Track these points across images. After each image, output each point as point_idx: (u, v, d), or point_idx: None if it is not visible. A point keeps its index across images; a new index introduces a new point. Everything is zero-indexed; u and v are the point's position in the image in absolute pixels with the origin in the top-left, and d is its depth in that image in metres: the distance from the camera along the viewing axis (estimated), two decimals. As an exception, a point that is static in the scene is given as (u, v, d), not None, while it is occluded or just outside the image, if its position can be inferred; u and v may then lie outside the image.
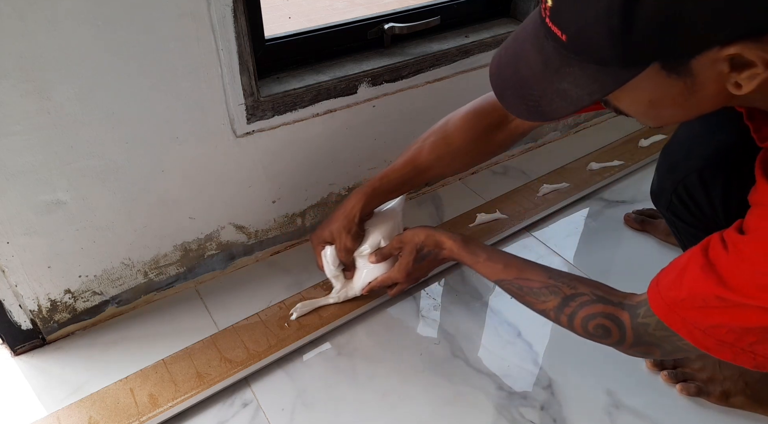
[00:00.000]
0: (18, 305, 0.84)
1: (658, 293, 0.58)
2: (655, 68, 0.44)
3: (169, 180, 0.87)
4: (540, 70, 0.49)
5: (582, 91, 0.47)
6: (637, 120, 0.55)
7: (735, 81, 0.44)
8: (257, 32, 0.89)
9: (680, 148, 0.77)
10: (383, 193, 0.87)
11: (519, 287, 0.73)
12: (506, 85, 0.53)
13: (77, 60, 0.70)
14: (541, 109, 0.50)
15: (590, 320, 0.65)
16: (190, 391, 0.81)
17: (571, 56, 0.46)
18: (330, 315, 0.94)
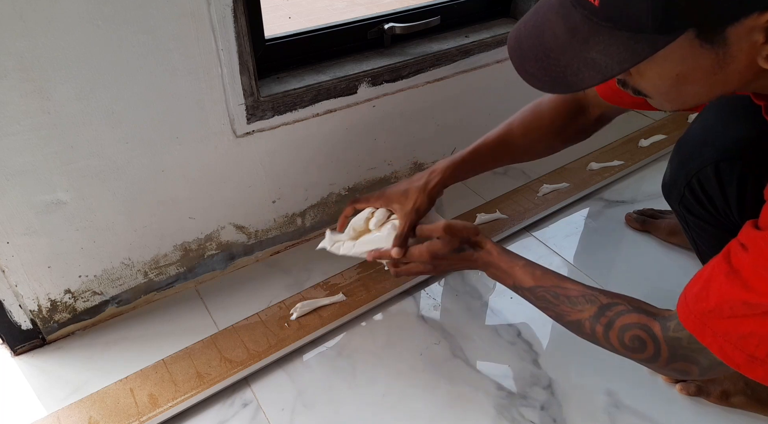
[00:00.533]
0: (18, 305, 0.84)
1: (686, 306, 0.56)
2: (689, 36, 0.43)
3: (169, 180, 0.87)
4: (566, 40, 0.47)
5: (611, 59, 0.45)
6: (654, 102, 0.53)
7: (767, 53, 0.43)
8: (257, 32, 0.89)
9: (696, 140, 0.75)
10: (472, 166, 0.84)
11: (555, 295, 0.70)
12: (527, 56, 0.51)
13: (77, 60, 0.70)
14: (567, 80, 0.48)
15: (627, 330, 0.62)
16: (190, 391, 0.81)
17: (602, 24, 0.44)
18: (330, 315, 0.94)
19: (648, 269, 1.07)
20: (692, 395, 0.83)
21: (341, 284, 1.00)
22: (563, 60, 0.48)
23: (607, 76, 0.46)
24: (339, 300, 0.96)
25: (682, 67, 0.46)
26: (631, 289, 1.01)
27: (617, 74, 0.45)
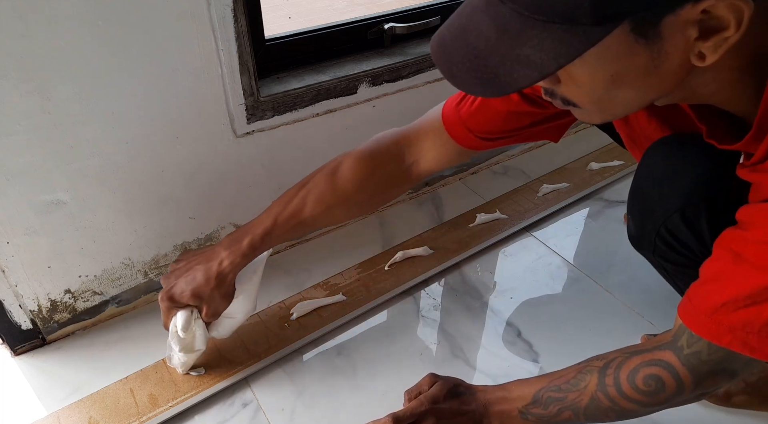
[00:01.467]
0: (18, 305, 0.84)
1: (693, 310, 0.52)
2: (624, 30, 0.41)
3: (169, 180, 0.87)
4: (495, 38, 0.44)
5: (547, 55, 0.42)
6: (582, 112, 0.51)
7: (700, 50, 0.42)
8: (257, 32, 0.89)
9: (652, 189, 0.71)
10: (264, 249, 0.79)
11: (557, 388, 0.64)
12: (454, 60, 0.47)
13: (77, 60, 0.70)
14: (499, 80, 0.44)
15: (635, 374, 0.58)
16: (190, 391, 0.81)
17: (534, 17, 0.42)
18: (330, 315, 0.94)
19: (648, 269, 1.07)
20: None
21: (341, 284, 1.00)
22: (493, 60, 0.44)
23: (543, 73, 0.43)
24: (339, 300, 0.96)
25: (616, 66, 0.44)
26: (632, 289, 1.02)
27: (555, 70, 0.42)
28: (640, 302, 0.99)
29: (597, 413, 0.61)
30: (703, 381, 0.54)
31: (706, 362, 0.53)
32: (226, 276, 0.76)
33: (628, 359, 0.59)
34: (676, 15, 0.40)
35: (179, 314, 0.77)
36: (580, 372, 0.63)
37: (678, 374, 0.55)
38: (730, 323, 0.49)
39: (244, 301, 0.80)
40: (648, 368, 0.57)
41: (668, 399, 0.57)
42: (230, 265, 0.76)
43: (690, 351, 0.54)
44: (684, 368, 0.54)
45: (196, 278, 0.76)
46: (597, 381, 0.61)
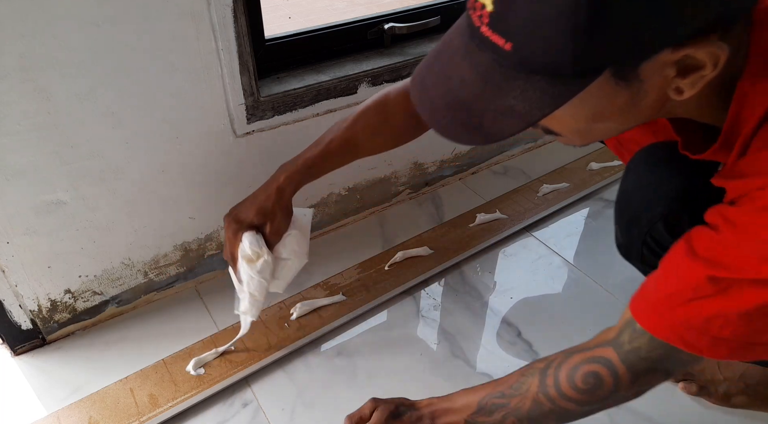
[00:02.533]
0: (18, 305, 0.84)
1: (642, 301, 0.53)
2: (606, 76, 0.42)
3: (169, 180, 0.87)
4: (478, 87, 0.44)
5: (531, 105, 0.42)
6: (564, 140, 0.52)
7: (677, 86, 0.43)
8: (257, 32, 0.89)
9: (636, 198, 0.72)
10: (318, 171, 0.78)
11: (500, 394, 0.64)
12: (437, 107, 0.47)
13: (77, 60, 0.70)
14: (485, 130, 0.44)
15: (575, 373, 0.57)
16: (190, 391, 0.81)
17: (516, 68, 0.42)
18: (330, 315, 0.94)
19: (648, 269, 1.07)
20: (694, 395, 0.83)
21: (341, 284, 1.00)
22: (477, 109, 0.44)
23: (530, 122, 0.43)
24: (339, 300, 0.96)
25: (597, 106, 0.45)
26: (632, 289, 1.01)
27: (540, 120, 0.43)
28: (640, 302, 0.99)
29: (539, 416, 0.61)
30: (640, 378, 0.55)
31: (644, 359, 0.53)
32: (284, 190, 0.75)
33: (568, 357, 0.59)
34: (655, 59, 0.41)
35: (245, 235, 0.75)
36: (523, 375, 0.63)
37: (616, 370, 0.55)
38: (672, 318, 0.50)
39: (297, 239, 0.79)
40: (587, 366, 0.57)
41: (605, 397, 0.57)
42: (287, 179, 0.76)
43: (630, 347, 0.54)
44: (622, 364, 0.55)
45: (258, 197, 0.76)
46: (538, 383, 0.60)
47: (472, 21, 0.43)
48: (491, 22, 0.41)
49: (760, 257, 0.44)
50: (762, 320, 0.46)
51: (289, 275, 0.81)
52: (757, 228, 0.45)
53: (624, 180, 0.75)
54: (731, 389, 0.81)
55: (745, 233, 0.45)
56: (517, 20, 0.39)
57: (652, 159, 0.70)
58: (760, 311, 0.45)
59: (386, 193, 1.19)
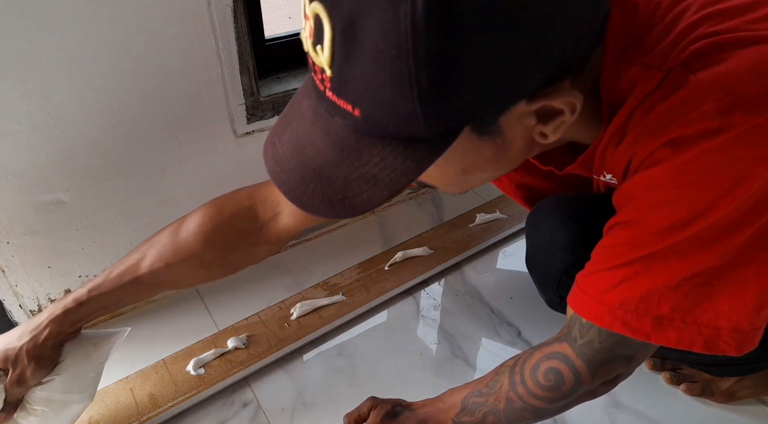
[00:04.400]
0: (18, 305, 0.84)
1: (579, 292, 0.52)
2: (466, 132, 0.40)
3: (169, 180, 0.87)
4: (334, 156, 0.40)
5: (393, 172, 0.39)
6: (442, 190, 0.52)
7: (541, 131, 0.43)
8: (257, 32, 0.89)
9: (538, 259, 0.73)
10: (92, 309, 0.66)
11: (479, 393, 0.63)
12: (294, 182, 0.42)
13: (77, 60, 0.70)
14: (350, 202, 0.40)
15: (537, 369, 0.57)
16: (190, 391, 0.81)
17: (370, 133, 0.39)
18: (330, 315, 0.94)
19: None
20: (697, 396, 0.83)
21: (341, 284, 1.00)
22: (338, 180, 0.40)
23: (396, 191, 0.39)
24: (339, 300, 0.96)
25: (465, 161, 0.44)
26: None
27: (406, 186, 0.39)
28: (640, 302, 0.99)
29: (514, 414, 0.60)
30: (599, 370, 0.54)
31: (599, 350, 0.53)
32: (41, 332, 0.63)
33: (531, 354, 0.59)
34: (511, 111, 0.40)
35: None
36: (497, 374, 0.63)
37: (574, 365, 0.54)
38: (609, 303, 0.49)
39: (70, 380, 0.64)
40: (547, 362, 0.57)
41: (569, 393, 0.56)
42: (48, 318, 0.63)
43: (583, 341, 0.53)
44: (579, 359, 0.54)
45: (10, 335, 0.64)
46: (508, 381, 0.60)
47: (316, 84, 0.40)
48: (333, 87, 0.38)
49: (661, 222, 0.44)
50: (695, 290, 0.45)
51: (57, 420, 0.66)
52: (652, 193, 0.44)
53: (526, 239, 0.76)
54: (732, 386, 0.81)
55: (643, 203, 0.45)
56: (358, 87, 0.36)
57: (540, 218, 0.72)
58: (690, 280, 0.45)
59: (386, 193, 1.19)
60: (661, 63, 0.42)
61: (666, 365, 0.86)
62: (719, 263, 0.44)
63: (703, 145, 0.40)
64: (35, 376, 0.64)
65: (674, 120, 0.41)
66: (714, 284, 0.45)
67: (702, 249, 0.44)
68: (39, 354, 0.63)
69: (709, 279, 0.45)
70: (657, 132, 0.43)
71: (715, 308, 0.46)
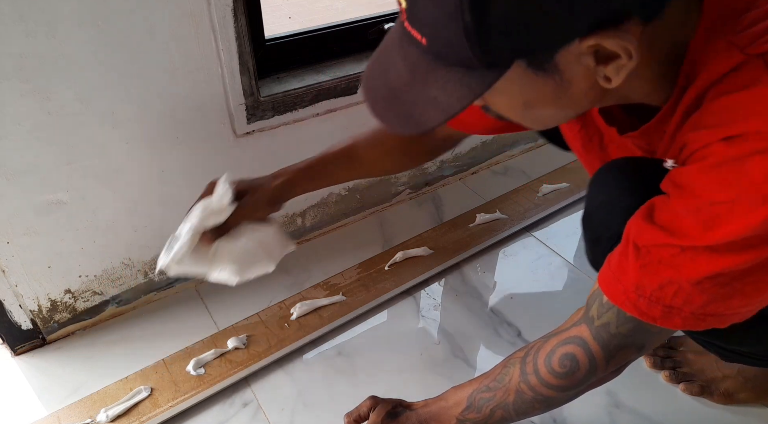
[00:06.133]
0: (18, 305, 0.84)
1: (607, 269, 0.52)
2: (520, 67, 0.43)
3: (169, 180, 0.87)
4: (408, 79, 0.46)
5: (451, 97, 0.44)
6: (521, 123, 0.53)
7: (603, 74, 0.44)
8: (257, 32, 0.89)
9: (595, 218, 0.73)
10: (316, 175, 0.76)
11: (486, 388, 0.64)
12: (377, 97, 0.49)
13: (77, 60, 0.70)
14: (414, 120, 0.47)
15: (552, 356, 0.57)
16: (190, 391, 0.81)
17: (436, 60, 0.43)
18: (330, 315, 0.94)
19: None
20: (696, 395, 0.83)
21: (341, 284, 1.00)
22: (408, 99, 0.47)
23: (449, 115, 0.45)
24: (339, 300, 0.96)
25: (524, 95, 0.46)
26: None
27: (459, 112, 0.44)
28: (640, 302, 0.99)
29: (524, 406, 0.61)
30: (614, 355, 0.55)
31: (615, 335, 0.53)
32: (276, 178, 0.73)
33: (545, 342, 0.59)
34: (567, 50, 0.41)
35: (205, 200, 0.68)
36: (505, 367, 0.63)
37: (590, 349, 0.55)
38: (626, 283, 0.50)
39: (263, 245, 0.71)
40: (563, 348, 0.57)
41: (583, 379, 0.57)
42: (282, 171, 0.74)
43: (600, 323, 0.54)
44: (595, 342, 0.54)
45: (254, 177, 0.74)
46: (519, 372, 0.60)
47: (400, 16, 0.45)
48: (408, 17, 0.43)
49: (703, 222, 0.44)
50: (714, 289, 0.46)
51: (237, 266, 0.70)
52: (699, 190, 0.44)
53: (586, 197, 0.75)
54: (733, 386, 0.81)
55: (689, 197, 0.45)
56: (423, 17, 0.41)
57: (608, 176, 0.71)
58: (712, 279, 0.45)
59: (386, 193, 1.19)
60: (746, 46, 0.42)
61: (666, 364, 0.86)
62: (746, 268, 0.44)
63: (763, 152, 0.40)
64: (259, 212, 0.72)
65: (738, 115, 0.41)
66: (733, 285, 0.45)
67: (737, 253, 0.44)
68: (271, 198, 0.73)
69: (730, 280, 0.45)
70: (718, 124, 0.42)
71: (725, 305, 0.46)
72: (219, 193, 0.68)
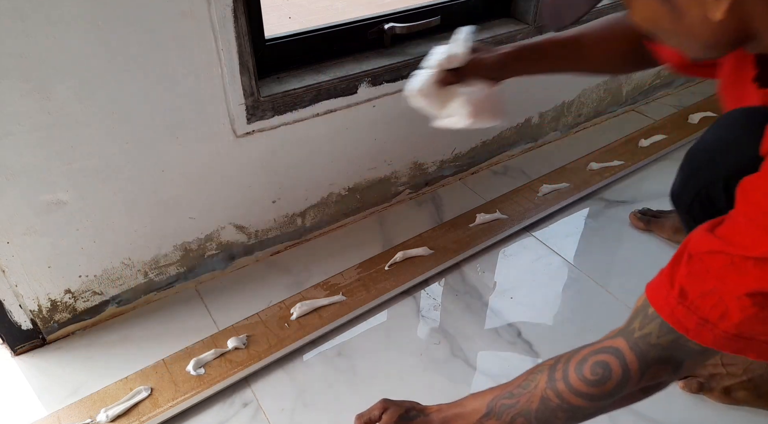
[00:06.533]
0: (18, 305, 0.84)
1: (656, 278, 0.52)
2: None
3: (169, 180, 0.87)
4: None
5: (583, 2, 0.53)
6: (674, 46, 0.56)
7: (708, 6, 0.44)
8: (257, 32, 0.89)
9: (708, 151, 0.73)
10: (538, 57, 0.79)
11: (509, 394, 0.63)
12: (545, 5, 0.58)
13: (77, 60, 0.70)
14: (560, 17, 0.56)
15: (584, 364, 0.56)
16: (190, 391, 0.81)
17: None
18: (330, 315, 0.94)
19: (648, 269, 1.07)
20: (694, 393, 0.83)
21: (341, 284, 1.00)
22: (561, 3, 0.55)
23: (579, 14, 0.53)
24: (339, 300, 0.96)
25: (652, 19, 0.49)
26: (632, 289, 1.02)
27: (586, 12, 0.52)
28: (640, 302, 0.99)
29: (547, 414, 0.59)
30: (650, 366, 0.54)
31: (654, 345, 0.52)
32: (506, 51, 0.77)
33: (578, 351, 0.59)
34: None
35: None
36: (531, 373, 0.62)
37: (625, 359, 0.54)
38: (669, 290, 0.49)
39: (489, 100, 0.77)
40: (596, 356, 0.56)
41: (613, 390, 0.55)
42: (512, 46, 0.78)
43: (641, 334, 0.53)
44: (632, 352, 0.54)
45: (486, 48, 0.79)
46: (546, 378, 0.59)
47: None
48: None
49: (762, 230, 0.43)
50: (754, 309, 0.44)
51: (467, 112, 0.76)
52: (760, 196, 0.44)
53: (705, 132, 0.75)
54: (732, 384, 0.81)
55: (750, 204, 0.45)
56: None
57: (739, 120, 0.71)
58: (754, 297, 0.44)
59: (386, 193, 1.20)
60: None
61: None
62: None
63: None
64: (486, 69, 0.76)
65: None
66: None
67: None
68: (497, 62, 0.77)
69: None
70: None
71: (761, 329, 0.46)
72: (460, 40, 0.75)
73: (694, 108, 1.57)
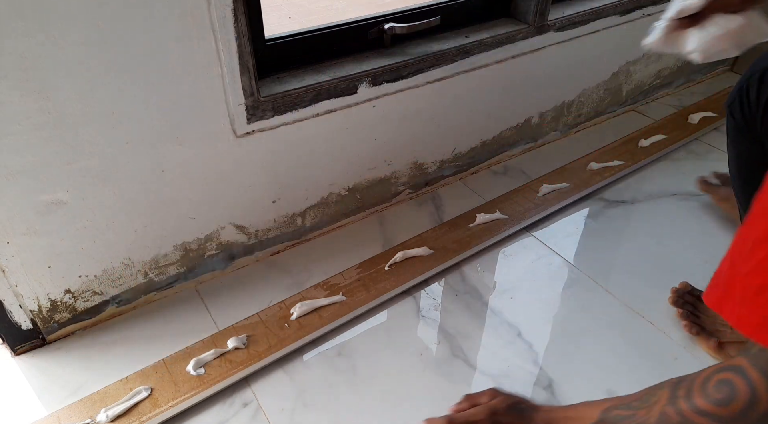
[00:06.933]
0: (18, 305, 0.84)
1: None
2: None
3: (169, 180, 0.87)
4: None
5: None
6: None
7: None
8: (257, 32, 0.89)
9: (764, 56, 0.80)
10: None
11: (627, 406, 0.61)
12: None
13: (77, 60, 0.70)
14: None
15: (708, 381, 0.54)
16: (190, 391, 0.81)
17: None
18: (330, 315, 0.94)
19: (648, 269, 1.07)
20: (693, 335, 0.88)
21: (341, 284, 1.00)
22: None
23: None
24: (339, 300, 0.96)
25: None
26: (632, 289, 1.02)
27: None
28: (640, 302, 0.99)
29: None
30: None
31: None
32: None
33: (703, 370, 0.56)
34: None
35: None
36: (650, 389, 0.60)
37: (749, 376, 0.50)
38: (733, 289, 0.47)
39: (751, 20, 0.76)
40: (719, 374, 0.53)
41: (741, 412, 0.50)
42: None
43: (757, 349, 0.50)
44: (754, 369, 0.50)
45: None
46: (668, 394, 0.57)
47: None
48: None
49: None
50: None
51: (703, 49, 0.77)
52: None
53: None
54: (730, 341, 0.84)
55: None
56: None
57: None
58: None
59: (386, 193, 1.20)
60: None
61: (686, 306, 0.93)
62: None
63: None
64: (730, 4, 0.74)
65: None
66: None
67: None
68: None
69: None
70: None
71: None
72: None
73: (694, 108, 1.57)
